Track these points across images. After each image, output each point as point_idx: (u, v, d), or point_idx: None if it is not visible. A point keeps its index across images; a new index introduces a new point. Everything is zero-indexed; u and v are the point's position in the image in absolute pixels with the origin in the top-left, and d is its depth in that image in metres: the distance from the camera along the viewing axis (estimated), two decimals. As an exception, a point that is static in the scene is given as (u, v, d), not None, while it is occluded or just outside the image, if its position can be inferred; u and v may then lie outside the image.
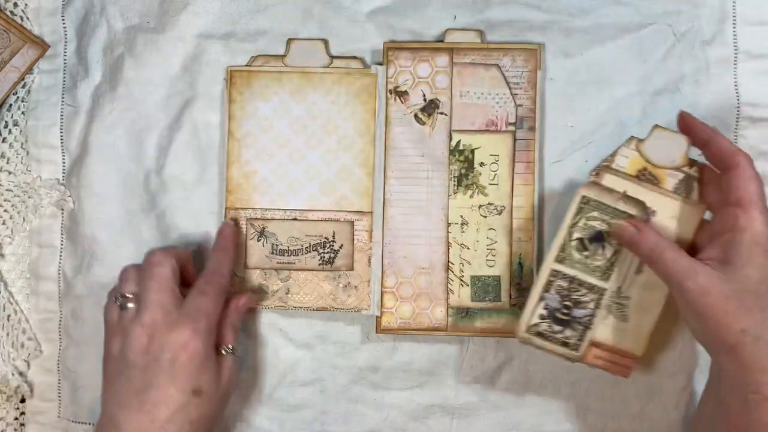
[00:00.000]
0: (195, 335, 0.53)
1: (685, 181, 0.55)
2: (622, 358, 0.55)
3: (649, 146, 0.56)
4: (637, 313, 0.55)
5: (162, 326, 0.53)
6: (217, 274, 0.57)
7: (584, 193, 0.54)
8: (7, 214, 0.63)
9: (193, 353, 0.53)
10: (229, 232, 0.60)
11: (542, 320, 0.55)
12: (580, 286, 0.55)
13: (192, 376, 0.53)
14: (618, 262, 0.54)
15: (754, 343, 0.47)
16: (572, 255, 0.54)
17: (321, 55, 0.61)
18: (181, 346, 0.52)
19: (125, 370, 0.53)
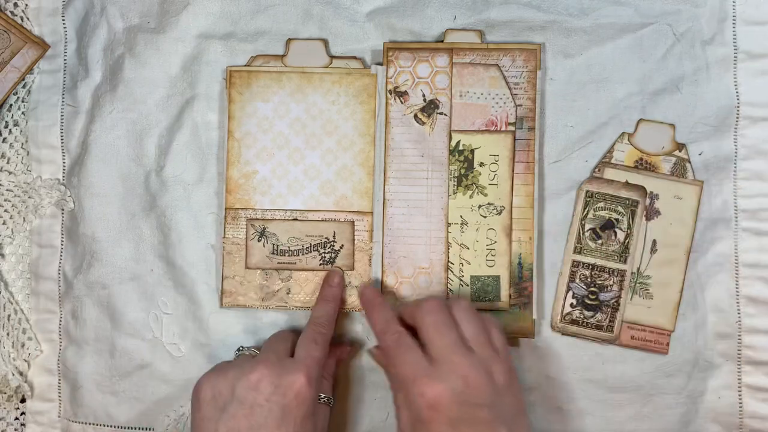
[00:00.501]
0: (309, 384, 0.52)
1: (679, 164, 0.59)
2: (657, 335, 0.59)
3: (639, 138, 0.59)
4: (660, 289, 0.59)
5: (277, 368, 0.52)
6: (325, 325, 0.57)
7: (588, 188, 0.58)
8: (7, 214, 0.63)
9: (304, 400, 0.52)
10: (336, 281, 0.60)
11: (573, 308, 0.59)
12: (602, 271, 0.58)
13: (298, 423, 0.51)
14: (631, 244, 0.56)
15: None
16: (588, 245, 0.58)
17: (320, 55, 0.61)
18: (294, 392, 0.51)
19: (230, 406, 0.52)
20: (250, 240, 0.61)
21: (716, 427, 0.60)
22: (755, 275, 0.60)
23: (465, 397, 0.49)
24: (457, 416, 0.49)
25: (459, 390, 0.49)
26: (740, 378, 0.60)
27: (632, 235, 0.58)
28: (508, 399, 0.51)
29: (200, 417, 0.53)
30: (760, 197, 0.60)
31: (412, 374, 0.51)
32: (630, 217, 0.58)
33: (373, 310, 0.57)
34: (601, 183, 0.58)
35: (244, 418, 0.51)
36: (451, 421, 0.49)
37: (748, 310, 0.60)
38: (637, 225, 0.58)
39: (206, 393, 0.53)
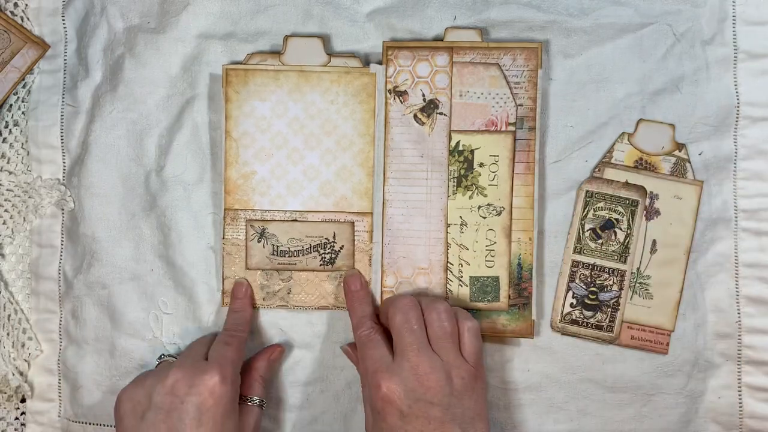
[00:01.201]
0: (223, 381, 0.53)
1: (679, 164, 0.59)
2: (657, 335, 0.59)
3: (639, 138, 0.59)
4: (660, 289, 0.59)
5: (191, 370, 0.53)
6: (237, 330, 0.59)
7: (587, 188, 0.57)
8: (7, 214, 0.63)
9: (220, 398, 0.52)
10: (243, 292, 0.60)
11: (573, 308, 0.59)
12: (601, 271, 0.58)
13: (218, 422, 0.52)
14: (631, 244, 0.56)
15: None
16: (588, 245, 0.58)
17: (319, 53, 0.61)
18: (209, 391, 0.52)
19: (148, 413, 0.53)
20: (249, 241, 0.61)
21: (716, 427, 0.60)
22: (755, 275, 0.59)
23: (418, 395, 0.51)
24: (409, 411, 0.51)
25: (411, 386, 0.52)
26: (740, 378, 0.59)
27: (632, 235, 0.58)
28: (466, 402, 0.53)
29: (122, 430, 0.54)
30: (760, 197, 0.59)
31: (373, 368, 0.53)
32: (630, 217, 0.58)
33: (352, 303, 0.59)
34: (601, 183, 0.58)
35: (162, 423, 0.52)
36: (403, 415, 0.51)
37: (748, 310, 0.60)
38: (637, 225, 0.58)
39: (125, 406, 0.54)
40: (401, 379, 0.52)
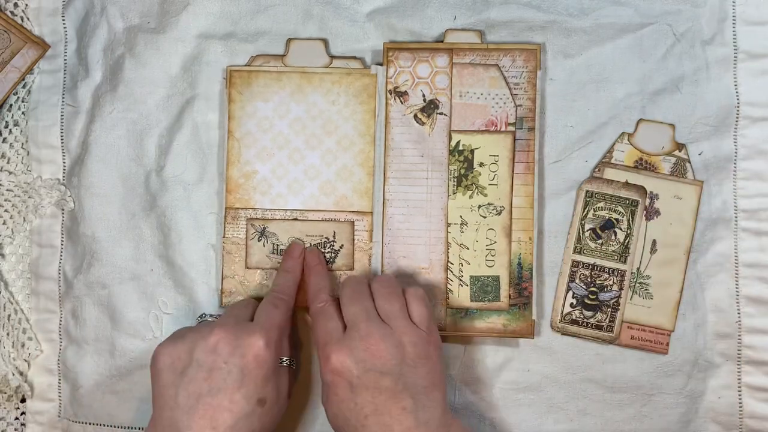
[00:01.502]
0: (267, 345, 0.52)
1: (679, 164, 0.59)
2: (657, 335, 0.59)
3: (639, 138, 0.59)
4: (660, 289, 0.59)
5: (236, 331, 0.53)
6: (286, 291, 0.57)
7: (587, 188, 0.57)
8: (7, 214, 0.63)
9: (263, 362, 0.52)
10: (297, 252, 0.60)
11: (573, 308, 0.58)
12: (601, 271, 0.58)
13: (259, 385, 0.52)
14: (631, 244, 0.56)
15: None
16: (588, 245, 0.57)
17: (321, 55, 0.61)
18: (253, 354, 0.52)
19: (188, 369, 0.52)
20: (250, 240, 0.61)
21: (716, 427, 0.60)
22: (755, 275, 0.60)
23: (368, 365, 0.51)
24: (359, 382, 0.51)
25: (361, 357, 0.51)
26: (740, 378, 0.60)
27: (632, 235, 0.58)
28: (420, 371, 0.52)
29: (160, 385, 0.53)
30: (760, 197, 0.60)
31: (323, 340, 0.53)
32: (630, 217, 0.58)
33: (310, 276, 0.58)
34: (601, 183, 0.58)
35: (203, 381, 0.51)
36: (353, 386, 0.51)
37: (748, 310, 0.60)
38: (637, 225, 0.58)
39: (164, 360, 0.53)
40: (350, 350, 0.51)
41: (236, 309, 0.57)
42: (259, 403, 0.52)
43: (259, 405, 0.52)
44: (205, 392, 0.51)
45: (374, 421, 0.50)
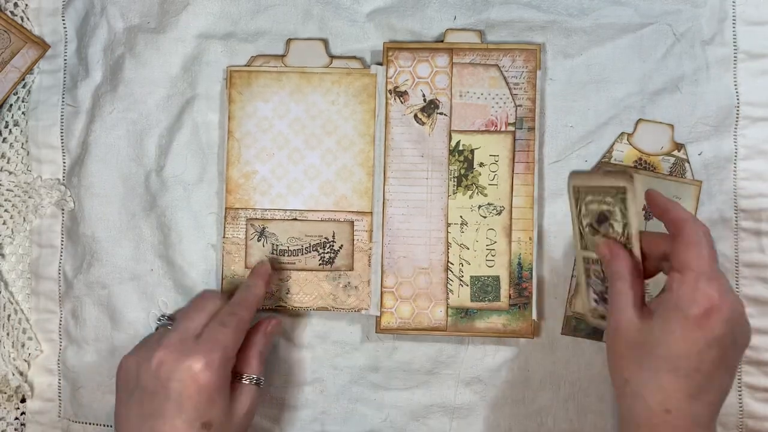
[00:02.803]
0: (207, 367, 0.51)
1: (678, 164, 0.59)
2: None
3: (639, 138, 0.59)
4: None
5: (176, 353, 0.51)
6: (242, 307, 0.55)
7: (574, 184, 0.55)
8: (7, 214, 0.63)
9: (203, 386, 0.50)
10: (263, 270, 0.59)
11: (597, 304, 0.56)
12: None
13: (200, 409, 0.50)
14: (632, 230, 0.53)
15: (633, 397, 0.47)
16: (591, 239, 0.55)
17: (320, 55, 0.61)
18: (191, 377, 0.50)
19: (135, 391, 0.52)
20: (249, 240, 0.61)
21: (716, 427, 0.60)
22: (755, 275, 0.59)
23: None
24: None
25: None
26: (740, 378, 0.59)
27: (630, 223, 0.56)
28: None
29: (117, 399, 0.53)
30: (760, 197, 0.59)
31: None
32: (621, 205, 0.54)
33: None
34: (583, 176, 0.56)
35: (147, 404, 0.51)
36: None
37: (748, 310, 0.59)
38: (632, 210, 0.55)
39: (121, 377, 0.53)
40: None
41: (188, 318, 0.55)
42: (204, 427, 0.50)
43: (205, 428, 0.50)
44: (148, 415, 0.51)
45: (698, 378, 0.46)
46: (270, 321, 0.58)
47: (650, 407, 0.46)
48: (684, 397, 0.46)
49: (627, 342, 0.48)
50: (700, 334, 0.46)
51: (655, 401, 0.46)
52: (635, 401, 0.47)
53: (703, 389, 0.46)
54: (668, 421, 0.46)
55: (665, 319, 0.47)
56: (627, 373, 0.48)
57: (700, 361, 0.46)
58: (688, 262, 0.47)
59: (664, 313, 0.47)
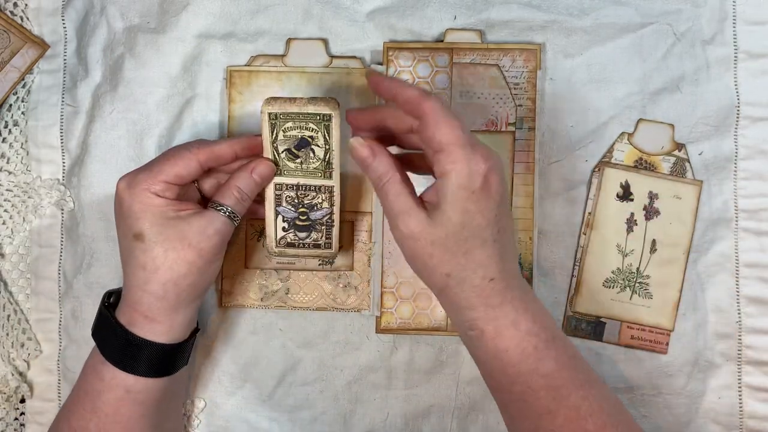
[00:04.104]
0: (128, 186, 0.51)
1: (678, 164, 0.59)
2: (656, 335, 0.59)
3: (639, 138, 0.59)
4: (659, 289, 0.59)
5: (124, 177, 0.53)
6: (201, 145, 0.54)
7: (268, 111, 0.53)
8: (7, 214, 0.63)
9: (123, 201, 0.51)
10: (249, 142, 0.55)
11: (286, 232, 0.56)
12: (308, 190, 0.56)
13: (129, 223, 0.51)
14: (333, 158, 0.54)
15: (459, 285, 0.48)
16: (287, 165, 0.55)
17: (320, 55, 0.61)
18: (117, 195, 0.52)
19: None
20: (249, 240, 0.61)
21: (716, 428, 0.60)
22: (755, 275, 0.60)
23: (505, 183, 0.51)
24: (502, 199, 0.49)
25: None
26: (740, 378, 0.60)
27: (332, 149, 0.54)
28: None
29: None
30: (761, 197, 0.60)
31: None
32: (325, 131, 0.53)
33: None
34: (281, 103, 0.53)
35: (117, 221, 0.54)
36: (501, 198, 0.49)
37: (749, 310, 0.60)
38: (336, 136, 0.53)
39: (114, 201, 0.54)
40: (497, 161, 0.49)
41: (167, 153, 0.54)
42: (136, 238, 0.51)
43: (137, 239, 0.51)
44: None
45: (502, 239, 0.48)
46: (258, 162, 0.54)
47: (476, 284, 0.48)
48: (498, 260, 0.48)
49: (430, 240, 0.48)
50: (489, 201, 0.47)
51: (478, 276, 0.48)
52: (461, 286, 0.48)
53: (507, 244, 0.49)
54: (494, 287, 0.48)
55: (455, 202, 0.47)
56: (445, 267, 0.48)
57: (498, 222, 0.48)
58: (446, 139, 0.47)
59: (450, 197, 0.47)
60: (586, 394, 0.48)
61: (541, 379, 0.48)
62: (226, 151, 0.53)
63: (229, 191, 0.53)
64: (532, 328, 0.48)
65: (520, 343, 0.48)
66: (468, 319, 0.49)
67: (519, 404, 0.49)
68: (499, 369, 0.49)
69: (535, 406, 0.48)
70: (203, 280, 0.52)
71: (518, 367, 0.48)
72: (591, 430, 0.48)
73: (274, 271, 0.61)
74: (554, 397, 0.48)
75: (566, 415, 0.48)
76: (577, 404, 0.48)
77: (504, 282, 0.48)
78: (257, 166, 0.54)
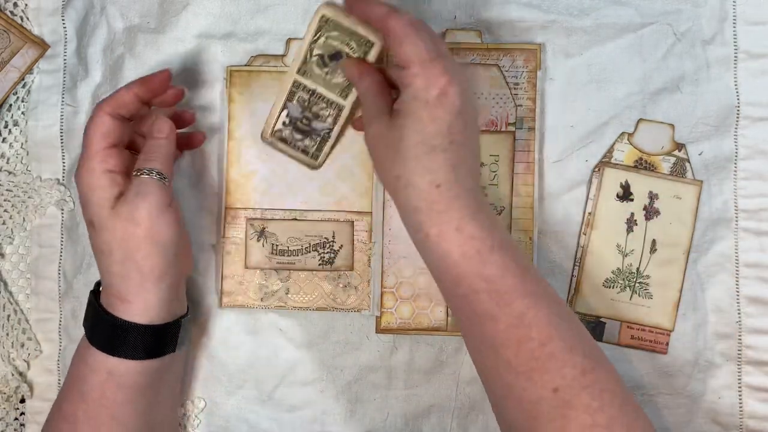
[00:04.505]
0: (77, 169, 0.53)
1: (679, 164, 0.59)
2: (656, 335, 0.59)
3: (639, 138, 0.59)
4: (659, 289, 0.59)
5: None
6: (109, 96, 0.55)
7: (324, 12, 0.55)
8: (7, 214, 0.63)
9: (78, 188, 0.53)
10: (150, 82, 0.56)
11: (285, 126, 0.58)
12: (320, 99, 0.58)
13: (84, 210, 0.53)
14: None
15: (407, 188, 0.50)
16: (313, 69, 0.57)
17: (320, 55, 0.61)
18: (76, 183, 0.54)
19: None
20: (249, 240, 0.61)
21: (716, 428, 0.60)
22: (755, 275, 0.59)
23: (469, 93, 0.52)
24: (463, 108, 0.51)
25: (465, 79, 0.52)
26: (740, 378, 0.60)
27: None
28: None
29: None
30: (761, 197, 0.59)
31: (427, 55, 0.51)
32: (363, 56, 0.56)
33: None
34: (338, 11, 0.55)
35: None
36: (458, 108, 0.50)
37: (749, 310, 0.60)
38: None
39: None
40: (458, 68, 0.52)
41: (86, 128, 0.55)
42: (90, 225, 0.53)
43: (91, 226, 0.53)
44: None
45: (454, 149, 0.50)
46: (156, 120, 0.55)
47: (422, 188, 0.50)
48: (448, 168, 0.50)
49: (387, 143, 0.51)
50: (443, 111, 0.49)
51: (425, 181, 0.49)
52: (409, 189, 0.50)
53: (461, 157, 0.50)
54: (441, 192, 0.49)
55: (411, 111, 0.50)
56: (396, 170, 0.51)
57: (451, 133, 0.49)
58: (408, 54, 0.50)
59: (407, 107, 0.50)
60: (532, 303, 0.49)
61: (482, 283, 0.49)
62: (126, 95, 0.54)
63: (145, 155, 0.54)
64: (476, 233, 0.49)
65: (462, 245, 0.49)
66: (414, 222, 0.51)
67: (464, 307, 0.50)
68: (444, 270, 0.50)
69: (478, 310, 0.49)
70: (158, 252, 0.52)
71: (460, 268, 0.49)
72: (536, 338, 0.48)
73: (274, 271, 0.61)
74: (497, 303, 0.48)
75: (507, 321, 0.48)
76: (520, 311, 0.48)
77: (453, 191, 0.50)
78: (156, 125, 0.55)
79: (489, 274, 0.49)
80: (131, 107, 0.55)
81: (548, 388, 0.47)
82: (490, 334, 0.49)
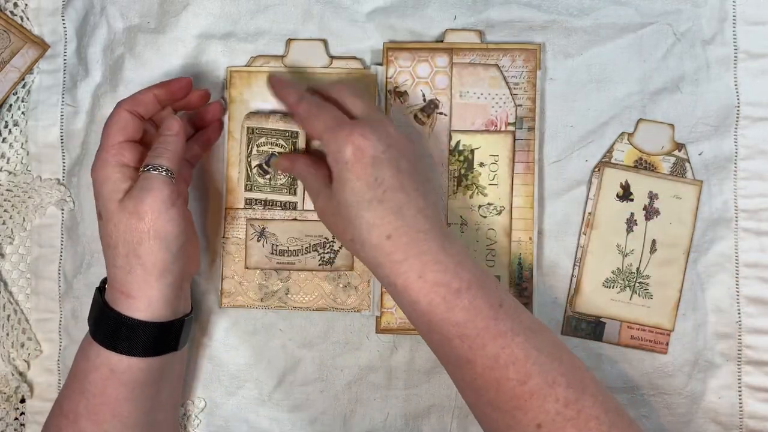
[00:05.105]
0: (94, 162, 0.55)
1: (678, 164, 0.59)
2: (656, 335, 0.59)
3: (639, 138, 0.59)
4: (659, 289, 0.59)
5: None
6: (131, 96, 0.56)
7: (247, 125, 0.59)
8: (7, 214, 0.63)
9: (94, 177, 0.54)
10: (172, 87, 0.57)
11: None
12: (274, 205, 0.60)
13: (96, 202, 0.54)
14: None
15: (362, 247, 0.51)
16: (257, 181, 0.59)
17: (320, 56, 0.61)
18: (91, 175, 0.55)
19: None
20: (249, 240, 0.61)
21: (716, 428, 0.60)
22: (755, 275, 0.60)
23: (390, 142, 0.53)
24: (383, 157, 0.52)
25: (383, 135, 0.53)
26: (740, 378, 0.60)
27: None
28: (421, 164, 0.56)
29: None
30: (761, 197, 0.60)
31: (333, 123, 0.54)
32: (292, 148, 0.59)
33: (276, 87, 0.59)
34: (258, 118, 0.59)
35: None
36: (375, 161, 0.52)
37: (749, 310, 0.60)
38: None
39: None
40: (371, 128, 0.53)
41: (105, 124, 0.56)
42: (99, 217, 0.54)
43: (99, 218, 0.54)
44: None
45: (391, 197, 0.51)
46: (167, 120, 0.56)
47: (375, 243, 0.51)
48: (391, 217, 0.50)
49: (332, 212, 0.53)
50: (363, 166, 0.51)
51: (374, 236, 0.50)
52: (365, 247, 0.51)
53: (403, 201, 0.51)
54: (394, 242, 0.50)
55: (337, 176, 0.52)
56: (348, 234, 0.52)
57: (380, 183, 0.51)
58: (316, 129, 0.54)
59: (335, 174, 0.52)
60: (506, 342, 0.49)
61: (453, 328, 0.49)
62: (146, 94, 0.56)
63: (153, 152, 0.54)
64: (440, 278, 0.49)
65: (428, 294, 0.49)
66: (381, 276, 0.52)
67: (441, 352, 0.51)
68: (416, 318, 0.51)
69: (452, 355, 0.50)
70: (162, 247, 0.52)
71: (430, 316, 0.49)
72: (514, 378, 0.48)
73: (274, 271, 0.61)
74: (470, 347, 0.49)
75: (483, 363, 0.49)
76: (494, 353, 0.48)
77: (405, 237, 0.50)
78: (165, 123, 0.56)
79: (458, 319, 0.49)
80: (150, 107, 0.56)
81: (532, 425, 0.48)
82: (469, 377, 0.49)
